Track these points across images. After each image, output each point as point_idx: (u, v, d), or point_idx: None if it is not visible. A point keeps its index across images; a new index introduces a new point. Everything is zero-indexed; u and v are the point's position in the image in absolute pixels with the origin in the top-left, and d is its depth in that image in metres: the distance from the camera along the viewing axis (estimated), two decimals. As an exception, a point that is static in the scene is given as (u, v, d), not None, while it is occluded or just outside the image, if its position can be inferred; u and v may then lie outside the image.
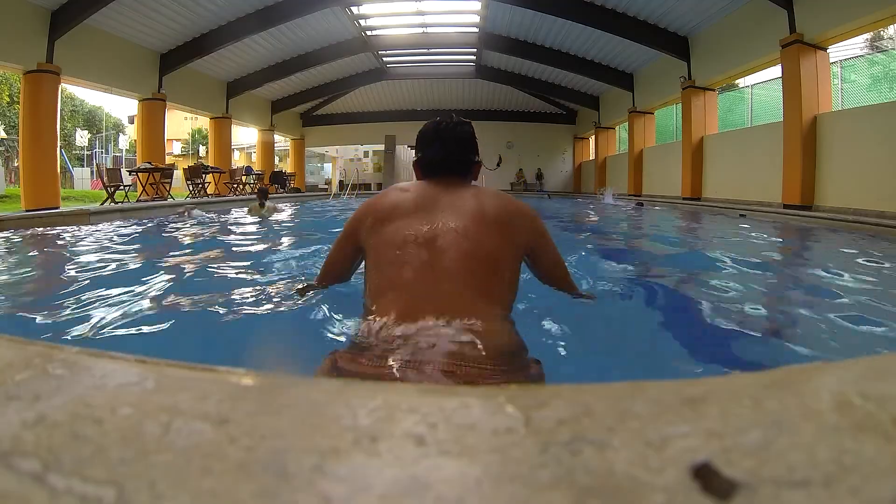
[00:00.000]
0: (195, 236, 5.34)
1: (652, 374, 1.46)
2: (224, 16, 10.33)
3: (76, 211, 6.78)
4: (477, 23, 12.60)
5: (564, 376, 1.27)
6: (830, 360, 0.52)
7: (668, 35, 10.37)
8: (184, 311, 2.06)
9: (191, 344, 1.68)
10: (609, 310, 1.76)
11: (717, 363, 1.59)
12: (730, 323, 1.90)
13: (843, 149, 6.77)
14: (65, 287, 2.64)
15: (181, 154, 29.47)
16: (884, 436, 0.32)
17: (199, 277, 2.96)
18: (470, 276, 1.13)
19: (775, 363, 1.54)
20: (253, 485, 0.29)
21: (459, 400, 0.39)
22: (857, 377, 0.44)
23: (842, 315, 1.99)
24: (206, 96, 12.94)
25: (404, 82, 17.20)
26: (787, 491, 0.28)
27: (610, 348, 1.53)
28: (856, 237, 4.86)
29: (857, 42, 8.73)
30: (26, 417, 0.37)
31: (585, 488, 0.28)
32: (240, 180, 13.35)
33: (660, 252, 4.27)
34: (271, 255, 3.69)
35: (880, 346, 1.71)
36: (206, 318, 1.92)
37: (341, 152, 22.93)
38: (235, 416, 0.37)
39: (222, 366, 0.49)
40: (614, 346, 1.55)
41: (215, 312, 1.94)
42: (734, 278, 2.78)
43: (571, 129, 18.95)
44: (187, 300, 2.15)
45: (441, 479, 0.29)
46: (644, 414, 0.36)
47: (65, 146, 21.44)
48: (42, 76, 8.09)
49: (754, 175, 8.64)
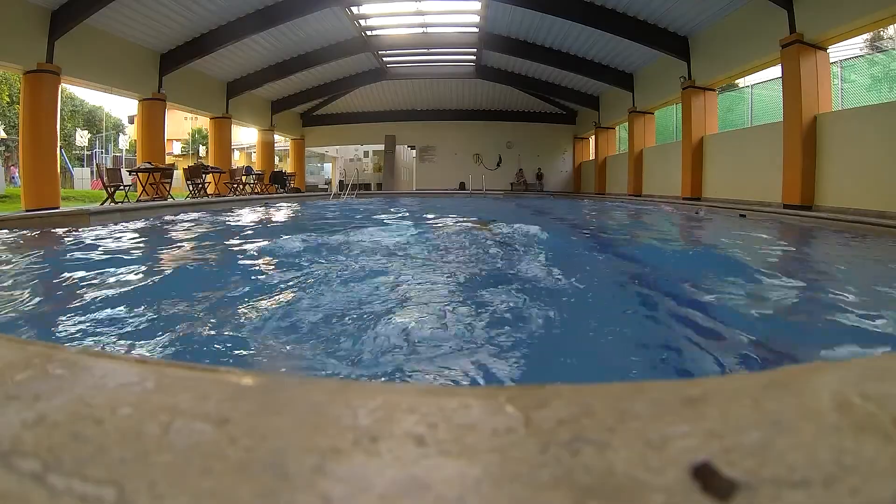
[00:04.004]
0: (194, 236, 5.34)
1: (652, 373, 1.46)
2: (224, 16, 10.33)
3: (76, 211, 6.78)
4: (477, 23, 12.60)
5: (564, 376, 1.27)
6: (830, 360, 0.52)
7: (668, 35, 10.37)
8: (184, 310, 2.06)
9: (191, 344, 1.68)
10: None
11: (717, 363, 1.58)
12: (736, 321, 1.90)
13: (843, 149, 6.77)
14: (65, 287, 2.64)
15: (181, 154, 29.45)
16: (884, 436, 0.32)
17: (199, 277, 2.96)
18: None
19: (775, 363, 1.54)
20: (253, 485, 0.29)
21: (459, 400, 0.39)
22: (857, 377, 0.44)
23: (842, 315, 1.98)
24: (206, 96, 12.94)
25: (404, 82, 17.19)
26: (787, 491, 0.28)
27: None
28: (856, 237, 4.86)
29: (857, 42, 8.73)
30: (26, 417, 0.37)
31: (585, 488, 0.28)
32: (240, 180, 13.36)
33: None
34: (271, 256, 3.69)
35: (880, 346, 1.71)
36: (206, 318, 1.92)
37: (341, 152, 22.93)
38: (235, 416, 0.37)
39: (222, 366, 0.49)
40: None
41: (215, 312, 1.94)
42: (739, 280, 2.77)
43: (571, 129, 18.94)
44: (187, 300, 2.15)
45: (441, 479, 0.29)
46: (644, 414, 0.36)
47: (65, 146, 21.43)
48: (42, 76, 8.09)
49: (754, 175, 8.64)
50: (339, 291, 2.35)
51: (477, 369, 1.41)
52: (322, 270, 2.92)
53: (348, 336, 1.71)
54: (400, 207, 9.80)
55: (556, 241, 4.50)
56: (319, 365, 1.45)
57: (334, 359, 1.51)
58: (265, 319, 1.90)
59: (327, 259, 3.31)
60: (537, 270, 2.81)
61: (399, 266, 3.09)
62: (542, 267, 2.90)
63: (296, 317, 1.92)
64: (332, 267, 3.02)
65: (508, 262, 3.32)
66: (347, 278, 2.63)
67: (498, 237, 4.53)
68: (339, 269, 2.92)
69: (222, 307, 2.09)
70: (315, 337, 1.72)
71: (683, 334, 1.78)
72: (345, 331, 1.76)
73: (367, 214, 8.09)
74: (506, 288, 2.38)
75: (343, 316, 1.93)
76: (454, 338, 1.68)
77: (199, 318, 1.93)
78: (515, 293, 2.27)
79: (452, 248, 4.01)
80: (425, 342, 1.63)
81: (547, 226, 5.74)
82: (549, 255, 3.43)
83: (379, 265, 3.11)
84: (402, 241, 4.20)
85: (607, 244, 5.08)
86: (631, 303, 2.31)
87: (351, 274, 2.78)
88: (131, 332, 1.79)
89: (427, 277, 2.81)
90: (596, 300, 2.33)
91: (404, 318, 1.88)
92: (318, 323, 1.85)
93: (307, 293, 2.34)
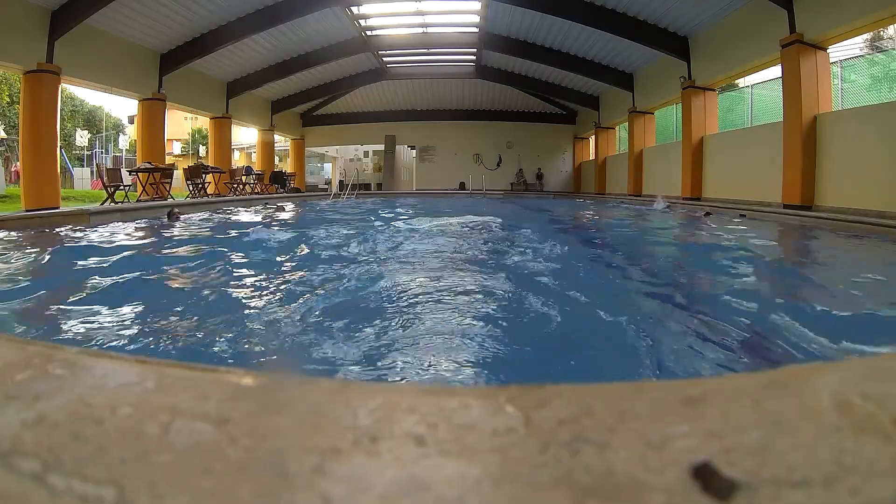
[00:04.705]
0: (194, 236, 5.34)
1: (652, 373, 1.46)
2: (224, 16, 10.33)
3: (76, 211, 6.78)
4: (477, 23, 12.59)
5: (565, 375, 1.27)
6: (830, 360, 0.52)
7: (668, 35, 10.37)
8: (183, 310, 2.06)
9: (191, 343, 1.68)
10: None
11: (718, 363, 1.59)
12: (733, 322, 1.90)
13: (843, 149, 6.77)
14: (65, 287, 2.64)
15: (181, 154, 29.43)
16: (884, 436, 0.32)
17: (199, 277, 2.95)
18: None
19: (775, 363, 1.54)
20: (253, 485, 0.29)
21: (459, 400, 0.39)
22: (857, 377, 0.44)
23: (842, 315, 1.98)
24: (206, 96, 12.93)
25: (404, 82, 17.18)
26: (787, 491, 0.28)
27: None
28: (856, 236, 4.86)
29: (857, 42, 8.72)
30: (26, 417, 0.37)
31: (585, 488, 0.28)
32: (240, 180, 13.36)
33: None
34: (271, 255, 3.69)
35: (880, 346, 1.71)
36: (206, 318, 1.92)
37: (341, 152, 22.93)
38: (235, 416, 0.37)
39: (222, 366, 0.49)
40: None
41: (215, 312, 1.94)
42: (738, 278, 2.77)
43: (571, 129, 18.93)
44: (187, 299, 2.15)
45: (441, 479, 0.29)
46: (644, 414, 0.36)
47: (65, 146, 21.42)
48: (42, 76, 8.09)
49: (754, 175, 8.64)
50: (340, 292, 2.36)
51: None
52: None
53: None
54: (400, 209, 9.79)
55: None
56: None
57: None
58: (269, 319, 1.90)
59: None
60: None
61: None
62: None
63: (296, 314, 1.93)
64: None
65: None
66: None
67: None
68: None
69: (223, 306, 2.09)
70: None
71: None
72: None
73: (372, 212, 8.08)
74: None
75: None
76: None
77: (199, 317, 1.94)
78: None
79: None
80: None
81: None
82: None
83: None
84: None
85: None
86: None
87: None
88: (131, 331, 1.79)
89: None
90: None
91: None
92: (318, 321, 1.86)
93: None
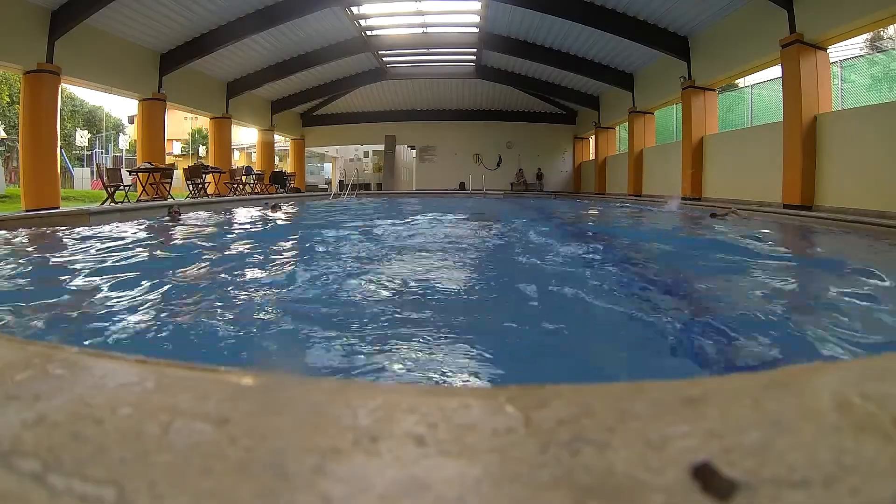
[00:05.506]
0: (193, 235, 5.34)
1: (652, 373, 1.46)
2: (224, 16, 10.32)
3: (76, 211, 6.78)
4: (477, 23, 12.59)
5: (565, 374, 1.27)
6: (830, 360, 0.52)
7: (668, 35, 10.36)
8: (183, 310, 2.06)
9: (191, 343, 1.68)
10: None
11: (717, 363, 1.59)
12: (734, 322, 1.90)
13: (843, 149, 6.77)
14: (65, 287, 2.64)
15: (181, 154, 29.44)
16: (884, 436, 0.32)
17: (199, 276, 2.95)
18: None
19: (775, 363, 1.54)
20: (253, 485, 0.29)
21: (459, 400, 0.39)
22: (857, 377, 0.44)
23: (842, 315, 1.98)
24: (206, 96, 12.93)
25: (404, 82, 17.18)
26: (787, 491, 0.28)
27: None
28: (856, 236, 4.86)
29: (857, 42, 8.72)
30: (26, 417, 0.37)
31: (585, 488, 0.28)
32: (240, 180, 13.36)
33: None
34: (271, 255, 3.69)
35: (880, 346, 1.71)
36: (205, 318, 1.92)
37: (341, 152, 22.93)
38: (235, 416, 0.37)
39: (222, 366, 0.49)
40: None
41: (215, 312, 1.94)
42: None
43: (571, 129, 18.93)
44: (187, 299, 2.15)
45: (441, 479, 0.29)
46: (644, 414, 0.36)
47: (65, 146, 21.42)
48: (42, 76, 8.09)
49: (754, 175, 8.64)
50: (338, 293, 2.37)
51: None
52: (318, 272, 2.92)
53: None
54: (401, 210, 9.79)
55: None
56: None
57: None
58: (269, 318, 1.90)
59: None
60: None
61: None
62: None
63: (295, 314, 1.93)
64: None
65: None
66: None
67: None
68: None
69: (223, 306, 2.09)
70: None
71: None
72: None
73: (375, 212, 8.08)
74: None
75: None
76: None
77: (199, 317, 1.94)
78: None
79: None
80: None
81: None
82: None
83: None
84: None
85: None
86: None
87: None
88: (131, 331, 1.79)
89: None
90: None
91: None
92: (318, 321, 1.86)
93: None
